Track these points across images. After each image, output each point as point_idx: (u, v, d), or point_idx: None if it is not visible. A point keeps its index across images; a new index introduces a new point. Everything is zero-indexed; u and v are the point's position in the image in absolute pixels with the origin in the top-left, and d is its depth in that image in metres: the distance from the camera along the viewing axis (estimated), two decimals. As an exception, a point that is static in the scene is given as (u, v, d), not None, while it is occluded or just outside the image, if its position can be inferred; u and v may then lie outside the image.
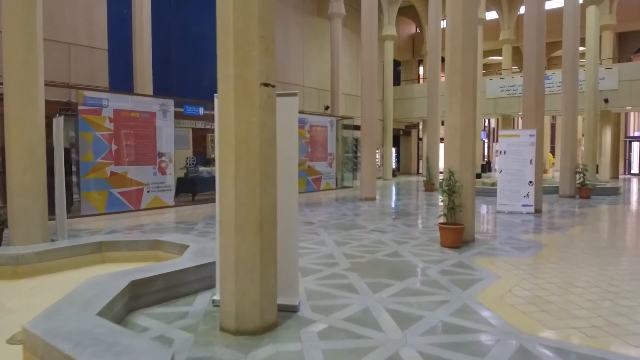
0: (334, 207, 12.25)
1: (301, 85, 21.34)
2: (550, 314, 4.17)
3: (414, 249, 6.92)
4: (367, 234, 8.27)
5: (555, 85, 21.68)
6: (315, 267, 5.84)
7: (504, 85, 23.89)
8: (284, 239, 4.17)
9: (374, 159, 14.29)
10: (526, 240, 7.72)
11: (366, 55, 14.19)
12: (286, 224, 4.18)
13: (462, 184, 7.30)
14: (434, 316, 4.08)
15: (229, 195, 3.63)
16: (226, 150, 3.65)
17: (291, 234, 4.22)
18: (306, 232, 8.41)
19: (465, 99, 7.28)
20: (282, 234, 4.14)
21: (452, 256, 6.48)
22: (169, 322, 3.92)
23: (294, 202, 4.23)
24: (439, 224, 7.29)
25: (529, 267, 5.91)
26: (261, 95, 3.63)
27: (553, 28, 18.02)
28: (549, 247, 7.22)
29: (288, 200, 4.19)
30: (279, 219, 4.09)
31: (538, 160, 11.08)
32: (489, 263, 6.07)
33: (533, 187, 10.93)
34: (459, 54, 7.27)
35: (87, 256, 6.06)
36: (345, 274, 5.49)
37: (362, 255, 6.52)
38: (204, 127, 16.22)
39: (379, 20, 24.97)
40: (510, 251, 6.87)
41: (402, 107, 27.14)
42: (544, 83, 11.78)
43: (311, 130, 16.99)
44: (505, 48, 26.44)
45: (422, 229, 8.76)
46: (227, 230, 3.68)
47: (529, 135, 10.97)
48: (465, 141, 7.37)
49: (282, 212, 4.12)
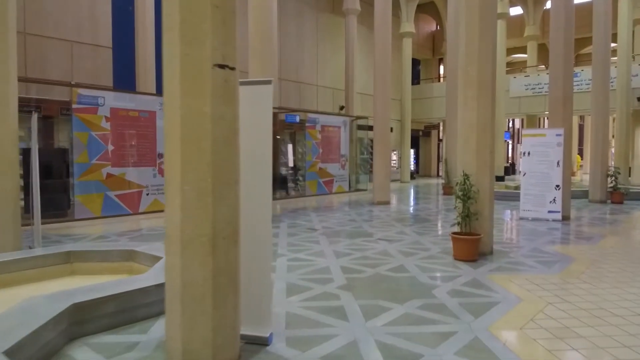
0: (343, 212, 11.48)
1: (315, 85, 20.64)
2: (583, 354, 3.33)
3: (422, 263, 6.10)
4: (373, 243, 7.49)
5: (584, 83, 20.45)
6: (305, 283, 5.09)
7: (528, 84, 22.70)
8: (254, 257, 3.44)
9: (387, 161, 13.46)
10: (552, 253, 6.81)
11: (379, 52, 13.38)
12: (256, 239, 3.45)
13: (479, 188, 6.46)
14: (436, 355, 3.29)
15: (174, 206, 2.92)
16: (171, 149, 2.94)
17: (263, 252, 3.48)
18: (306, 240, 7.67)
19: (483, 92, 6.43)
20: (251, 251, 3.41)
21: (466, 272, 5.64)
22: (109, 357, 3.23)
23: (267, 214, 3.49)
24: (451, 234, 6.45)
25: (555, 287, 5.03)
26: (215, 79, 2.90)
27: (581, 24, 16.95)
28: (579, 261, 6.30)
29: (259, 211, 3.45)
30: (247, 234, 3.37)
31: (566, 162, 10.10)
32: (509, 281, 5.22)
33: (560, 192, 9.96)
34: (476, 41, 6.43)
35: (55, 267, 5.45)
36: (337, 294, 4.72)
37: (362, 269, 5.74)
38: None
39: (397, 17, 24.15)
40: (533, 266, 5.99)
41: (422, 107, 26.15)
42: (572, 78, 10.78)
43: (323, 131, 16.23)
44: (530, 45, 25.20)
45: (434, 238, 7.92)
46: (172, 249, 2.97)
47: (556, 134, 9.99)
48: (482, 140, 6.52)
49: (250, 225, 3.40)
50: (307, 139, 15.79)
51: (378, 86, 13.39)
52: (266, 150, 3.48)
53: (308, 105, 19.82)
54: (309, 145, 15.72)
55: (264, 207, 3.48)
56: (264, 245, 3.48)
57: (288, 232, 8.51)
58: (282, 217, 10.57)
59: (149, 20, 13.01)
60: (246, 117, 3.38)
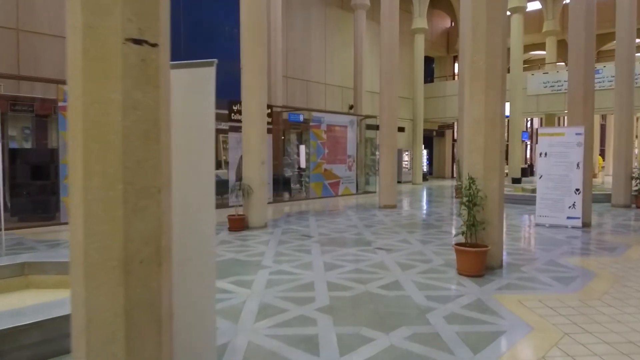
0: (345, 217, 10.78)
1: (323, 83, 19.98)
2: (609, 411, 2.61)
3: (421, 278, 5.39)
4: (370, 253, 6.79)
5: (607, 80, 19.43)
6: (281, 304, 4.43)
7: (547, 81, 21.69)
8: (193, 283, 2.79)
9: (393, 162, 12.72)
10: (571, 267, 6.03)
11: (386, 48, 12.68)
12: (195, 261, 2.80)
13: (487, 193, 5.73)
14: (419, 409, 2.60)
15: (77, 221, 2.28)
16: (74, 147, 2.30)
17: (204, 277, 2.83)
18: (297, 249, 7.01)
19: (491, 84, 5.69)
20: (188, 275, 2.77)
21: (470, 290, 4.92)
22: (13, 405, 2.61)
23: (208, 226, 2.83)
24: (455, 245, 5.72)
25: (573, 311, 4.29)
26: (127, 58, 2.25)
27: (602, 18, 15.97)
28: (601, 277, 5.52)
29: (198, 224, 2.80)
30: (183, 254, 2.72)
31: (587, 164, 9.26)
32: (519, 303, 4.49)
33: (580, 196, 9.12)
34: (483, 26, 5.69)
35: (7, 280, 4.89)
36: (315, 318, 4.05)
37: (351, 286, 5.05)
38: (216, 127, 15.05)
39: (409, 13, 23.35)
40: (548, 283, 5.23)
41: (436, 106, 25.29)
42: (593, 73, 9.92)
43: (328, 130, 15.55)
44: (549, 40, 24.17)
45: (439, 248, 7.18)
46: (75, 275, 2.33)
47: (576, 133, 9.16)
48: (490, 138, 5.78)
49: (187, 243, 2.75)
50: (312, 138, 15.14)
51: (384, 83, 12.69)
52: (207, 146, 2.82)
53: (315, 105, 19.16)
54: (313, 145, 15.07)
55: (205, 218, 2.82)
56: (205, 268, 2.82)
57: (280, 239, 7.86)
58: (279, 221, 9.93)
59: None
60: (182, 107, 2.74)
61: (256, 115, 8.97)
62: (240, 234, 8.37)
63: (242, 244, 7.45)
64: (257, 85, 8.99)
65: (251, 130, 9.00)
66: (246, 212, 9.01)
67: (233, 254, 6.63)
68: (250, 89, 8.97)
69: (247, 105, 9.04)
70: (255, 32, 8.89)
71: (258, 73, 8.99)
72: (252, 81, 8.96)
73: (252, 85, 8.96)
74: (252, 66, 8.91)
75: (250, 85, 8.98)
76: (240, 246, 7.24)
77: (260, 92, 9.03)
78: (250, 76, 8.95)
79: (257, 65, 8.94)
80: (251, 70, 8.93)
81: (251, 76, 8.95)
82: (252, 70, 8.93)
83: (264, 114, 9.22)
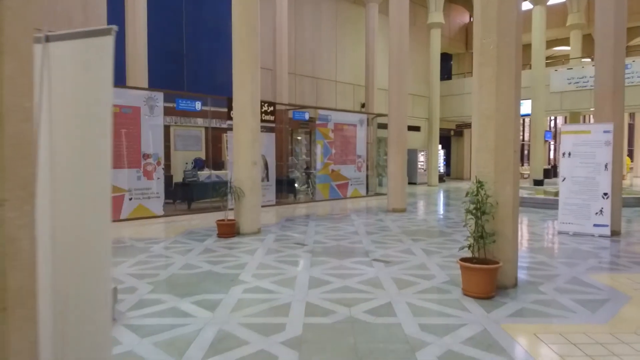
0: (348, 222, 9.98)
1: (334, 81, 19.19)
2: None
3: (418, 299, 4.58)
4: (366, 265, 5.99)
5: (636, 76, 18.19)
6: (243, 333, 3.67)
7: (572, 77, 20.45)
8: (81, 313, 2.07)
9: (403, 163, 11.86)
10: (598, 286, 5.13)
11: (395, 40, 11.79)
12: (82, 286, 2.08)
13: (498, 200, 4.89)
14: None
15: None
16: None
17: (96, 305, 2.10)
18: (284, 260, 6.26)
19: (504, 71, 4.84)
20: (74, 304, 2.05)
21: (475, 317, 4.09)
22: None
23: (104, 242, 2.10)
24: (460, 261, 4.88)
25: (602, 349, 3.43)
26: None
27: (633, 10, 14.82)
28: (636, 301, 4.62)
29: (89, 237, 2.08)
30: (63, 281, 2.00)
31: (616, 165, 8.28)
32: (534, 337, 3.64)
33: (609, 201, 8.15)
34: (494, 5, 4.85)
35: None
36: (277, 355, 3.29)
37: (333, 309, 4.27)
38: (219, 125, 14.39)
39: (424, 7, 22.41)
40: (572, 309, 4.36)
41: (453, 105, 24.20)
42: (624, 66, 8.92)
43: (336, 129, 14.76)
44: (574, 34, 22.87)
45: (445, 260, 6.34)
46: None
47: (604, 131, 8.18)
48: (503, 135, 4.93)
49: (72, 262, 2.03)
50: (318, 138, 14.37)
51: (393, 80, 11.81)
52: (103, 139, 2.09)
53: (326, 103, 18.39)
54: (320, 144, 14.30)
55: (100, 232, 2.09)
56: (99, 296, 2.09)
57: (270, 247, 7.12)
58: (275, 227, 9.20)
59: (142, 8, 11.93)
60: (69, 90, 2.02)
61: (247, 109, 8.23)
62: (228, 241, 7.66)
63: (225, 253, 6.73)
64: (250, 76, 8.23)
65: (241, 127, 8.26)
66: (237, 217, 8.30)
67: (210, 266, 5.91)
68: (241, 81, 8.23)
69: (238, 98, 8.29)
70: (247, 18, 8.15)
71: (250, 63, 8.24)
72: (244, 71, 8.21)
73: (244, 76, 8.21)
74: (243, 55, 8.18)
75: (241, 76, 8.23)
76: (222, 256, 6.52)
77: (253, 85, 8.28)
78: (243, 66, 8.21)
79: (249, 54, 8.20)
80: (243, 60, 8.19)
81: (244, 66, 8.21)
82: (244, 59, 8.19)
83: (256, 109, 8.47)
